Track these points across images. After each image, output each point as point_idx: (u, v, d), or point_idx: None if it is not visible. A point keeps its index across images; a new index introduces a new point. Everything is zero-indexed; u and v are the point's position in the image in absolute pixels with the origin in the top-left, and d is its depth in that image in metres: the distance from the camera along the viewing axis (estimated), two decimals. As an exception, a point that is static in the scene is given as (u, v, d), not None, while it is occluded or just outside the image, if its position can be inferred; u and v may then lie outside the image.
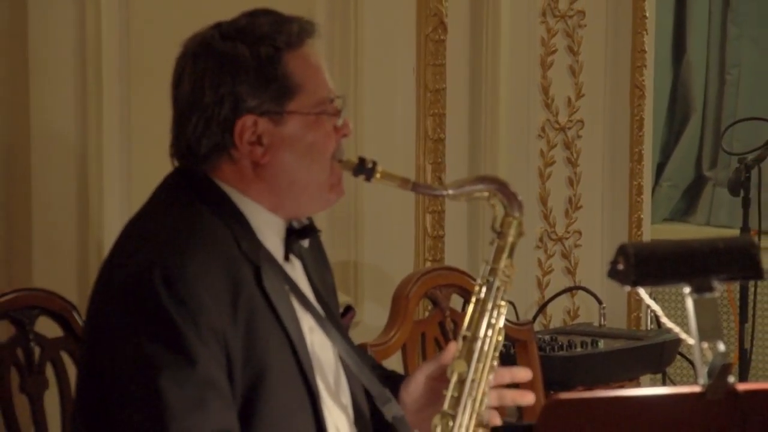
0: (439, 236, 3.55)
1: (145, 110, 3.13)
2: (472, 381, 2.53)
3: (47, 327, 2.74)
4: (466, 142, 3.60)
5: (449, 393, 2.50)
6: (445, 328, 3.29)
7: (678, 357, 3.65)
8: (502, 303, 2.57)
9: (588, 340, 3.52)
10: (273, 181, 2.50)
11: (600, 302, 3.70)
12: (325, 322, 2.57)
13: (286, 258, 2.55)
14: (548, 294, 3.72)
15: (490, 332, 2.55)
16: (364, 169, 2.50)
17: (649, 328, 3.75)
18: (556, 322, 3.71)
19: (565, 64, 3.73)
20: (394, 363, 3.23)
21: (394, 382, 2.66)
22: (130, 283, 2.39)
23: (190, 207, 2.51)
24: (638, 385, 3.55)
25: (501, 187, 2.55)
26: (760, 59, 5.39)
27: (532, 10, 3.67)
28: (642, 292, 2.14)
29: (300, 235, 2.56)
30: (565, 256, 3.75)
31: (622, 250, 2.13)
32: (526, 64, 3.67)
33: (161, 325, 2.37)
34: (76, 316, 2.75)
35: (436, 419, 2.49)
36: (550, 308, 3.71)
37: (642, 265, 2.11)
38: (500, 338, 2.56)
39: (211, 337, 2.40)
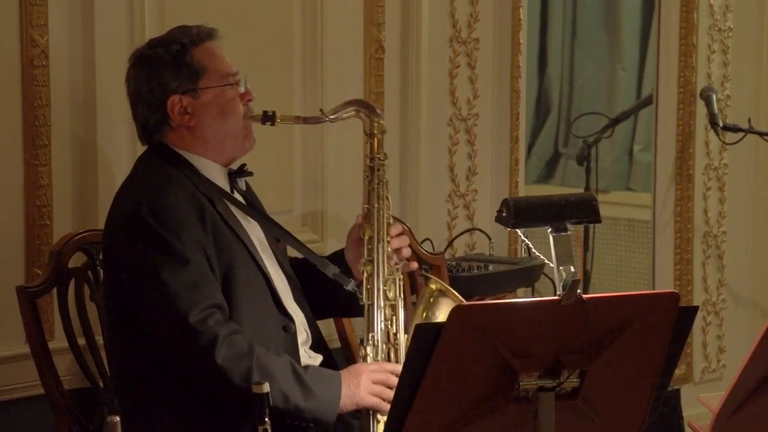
0: (379, 194, 3.54)
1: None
2: (378, 234, 2.56)
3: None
4: (398, 129, 3.59)
5: (365, 247, 2.57)
6: (384, 256, 3.28)
7: (543, 276, 3.66)
8: (385, 179, 2.60)
9: (482, 264, 3.53)
10: (202, 136, 2.57)
11: (490, 239, 3.71)
12: (263, 220, 2.62)
13: (232, 191, 2.59)
14: (454, 233, 3.72)
15: (380, 201, 2.59)
16: (267, 117, 2.58)
17: (523, 256, 3.76)
18: (459, 253, 3.71)
19: (466, 75, 3.72)
20: (348, 280, 3.21)
21: (339, 254, 2.71)
22: (128, 219, 2.44)
23: (159, 167, 2.55)
24: (515, 296, 3.56)
25: (362, 104, 2.64)
26: (596, 73, 5.41)
27: (443, 38, 3.66)
28: (519, 231, 2.14)
29: (237, 174, 2.60)
30: (466, 207, 3.75)
31: (505, 203, 2.13)
32: (439, 75, 3.66)
33: (155, 241, 2.41)
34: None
35: (362, 265, 2.56)
36: (456, 243, 3.71)
37: (519, 213, 2.11)
38: (389, 203, 2.59)
39: (194, 244, 2.44)
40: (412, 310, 2.66)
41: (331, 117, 2.58)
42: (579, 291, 1.97)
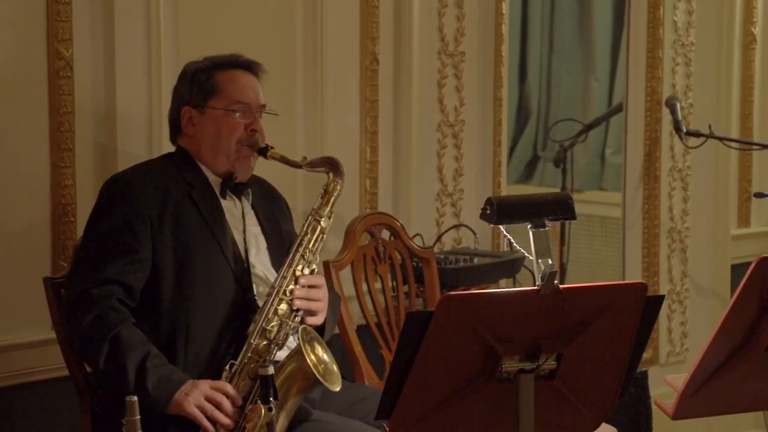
0: (374, 193, 3.54)
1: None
2: (279, 281, 2.48)
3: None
4: (391, 133, 3.58)
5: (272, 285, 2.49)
6: (378, 251, 3.28)
7: (523, 268, 3.66)
8: (316, 237, 2.52)
9: (468, 257, 3.53)
10: (198, 146, 2.61)
11: (475, 234, 3.70)
12: (264, 224, 2.60)
13: (223, 197, 2.57)
14: (443, 229, 3.72)
15: (294, 254, 2.49)
16: (261, 150, 2.58)
17: (505, 250, 3.76)
18: (447, 247, 3.71)
19: (453, 85, 3.71)
20: (346, 273, 3.21)
21: None
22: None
23: (159, 158, 2.63)
24: (498, 286, 3.56)
25: (332, 164, 2.57)
26: (572, 83, 5.42)
27: (432, 51, 3.65)
28: (502, 227, 2.13)
29: (234, 188, 2.58)
30: (453, 205, 3.74)
31: (488, 201, 2.12)
32: (429, 85, 3.65)
33: (95, 210, 2.49)
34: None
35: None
36: (444, 238, 3.71)
37: (501, 210, 2.10)
38: (305, 260, 2.48)
39: (139, 219, 2.43)
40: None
41: (306, 167, 2.57)
42: (556, 281, 1.97)
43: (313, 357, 2.35)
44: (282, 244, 2.62)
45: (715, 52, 4.42)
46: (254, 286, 2.50)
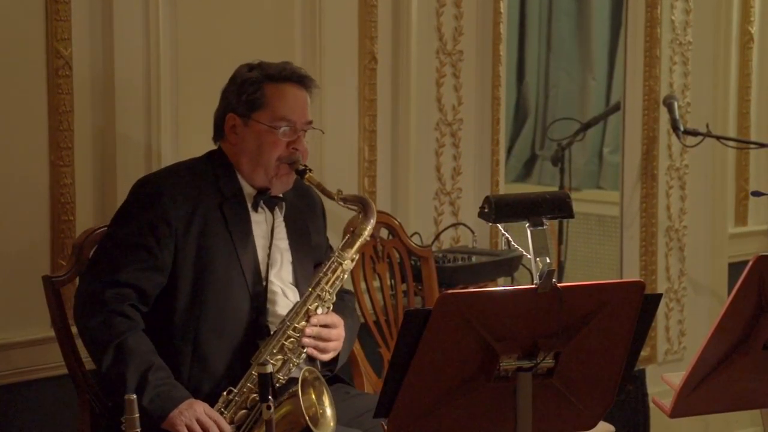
0: (372, 192, 3.54)
1: (188, 98, 3.06)
2: (289, 316, 2.45)
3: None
4: (389, 132, 3.58)
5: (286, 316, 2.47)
6: (376, 250, 3.28)
7: (521, 266, 3.65)
8: (337, 276, 2.48)
9: (466, 256, 3.52)
10: (238, 156, 2.55)
11: (473, 232, 3.70)
12: (291, 239, 2.57)
13: (255, 209, 2.53)
14: (441, 227, 3.71)
15: (311, 291, 2.46)
16: (299, 171, 2.53)
17: (503, 249, 3.76)
18: (445, 245, 3.70)
19: (451, 84, 3.71)
20: (345, 270, 3.19)
21: None
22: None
23: (198, 160, 2.56)
24: (496, 284, 3.55)
25: (364, 205, 2.54)
26: (569, 83, 5.42)
27: (430, 50, 3.65)
28: (500, 226, 2.13)
29: (267, 201, 2.54)
30: (452, 203, 3.74)
31: (487, 200, 2.12)
32: (427, 84, 3.65)
33: (122, 209, 2.47)
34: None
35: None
36: (442, 237, 3.70)
37: (499, 209, 2.10)
38: (322, 301, 2.46)
39: (165, 225, 2.39)
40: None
41: (340, 202, 2.55)
42: (554, 280, 1.97)
43: (312, 398, 2.34)
44: (310, 259, 2.60)
45: (712, 52, 4.42)
46: (270, 304, 2.48)
